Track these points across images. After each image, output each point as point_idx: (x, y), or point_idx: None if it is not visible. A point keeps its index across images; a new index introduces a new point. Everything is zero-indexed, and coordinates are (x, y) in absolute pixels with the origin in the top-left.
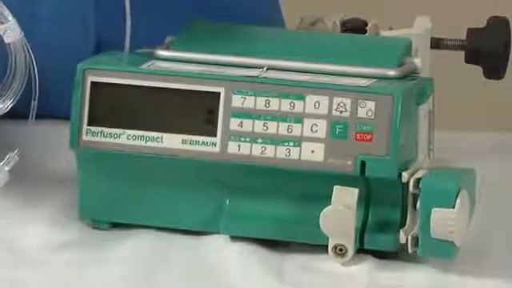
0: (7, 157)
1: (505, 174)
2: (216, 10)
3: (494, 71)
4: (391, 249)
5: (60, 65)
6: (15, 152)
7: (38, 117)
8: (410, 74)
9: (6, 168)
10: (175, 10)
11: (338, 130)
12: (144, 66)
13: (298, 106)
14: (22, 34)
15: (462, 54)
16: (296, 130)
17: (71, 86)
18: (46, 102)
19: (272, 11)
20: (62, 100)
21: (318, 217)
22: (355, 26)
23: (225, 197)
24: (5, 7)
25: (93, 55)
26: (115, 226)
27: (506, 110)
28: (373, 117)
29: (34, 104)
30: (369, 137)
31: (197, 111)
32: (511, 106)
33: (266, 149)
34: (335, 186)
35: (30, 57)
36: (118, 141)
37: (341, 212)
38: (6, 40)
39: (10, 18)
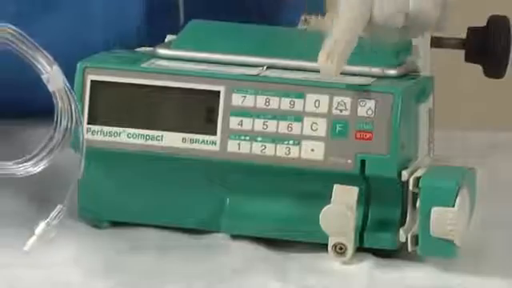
0: (57, 210)
1: (505, 172)
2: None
3: (495, 70)
4: (391, 247)
5: None
6: (63, 205)
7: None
8: (410, 73)
9: (55, 222)
10: None
11: (338, 128)
12: (144, 65)
13: (298, 104)
14: (66, 81)
15: (462, 53)
16: (296, 128)
17: None
18: None
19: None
20: None
21: (318, 215)
22: None
23: (225, 195)
24: (48, 55)
25: None
26: (115, 224)
27: (506, 109)
28: (373, 115)
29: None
30: (369, 135)
31: (197, 110)
32: (511, 105)
33: (265, 147)
34: (335, 185)
35: (76, 104)
36: (118, 139)
37: (341, 211)
38: (50, 88)
39: (54, 66)
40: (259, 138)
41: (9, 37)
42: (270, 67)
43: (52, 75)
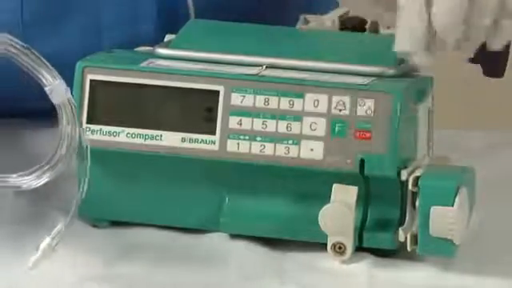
0: (60, 226)
1: (504, 172)
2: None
3: (494, 70)
4: (390, 247)
5: None
6: (61, 226)
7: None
8: (410, 73)
9: (58, 238)
10: None
11: (337, 128)
12: (143, 64)
13: (298, 104)
14: (70, 94)
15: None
16: (295, 128)
17: None
18: None
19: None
20: None
21: (317, 215)
22: (354, 25)
23: (224, 195)
24: (52, 68)
25: None
26: (114, 224)
27: (505, 109)
28: (372, 115)
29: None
30: (368, 135)
31: (196, 109)
32: (510, 105)
33: (265, 147)
34: (334, 184)
35: (76, 117)
36: (117, 139)
37: (340, 210)
38: (54, 101)
39: (57, 78)
40: (258, 138)
41: (12, 50)
42: (269, 67)
43: (55, 88)
